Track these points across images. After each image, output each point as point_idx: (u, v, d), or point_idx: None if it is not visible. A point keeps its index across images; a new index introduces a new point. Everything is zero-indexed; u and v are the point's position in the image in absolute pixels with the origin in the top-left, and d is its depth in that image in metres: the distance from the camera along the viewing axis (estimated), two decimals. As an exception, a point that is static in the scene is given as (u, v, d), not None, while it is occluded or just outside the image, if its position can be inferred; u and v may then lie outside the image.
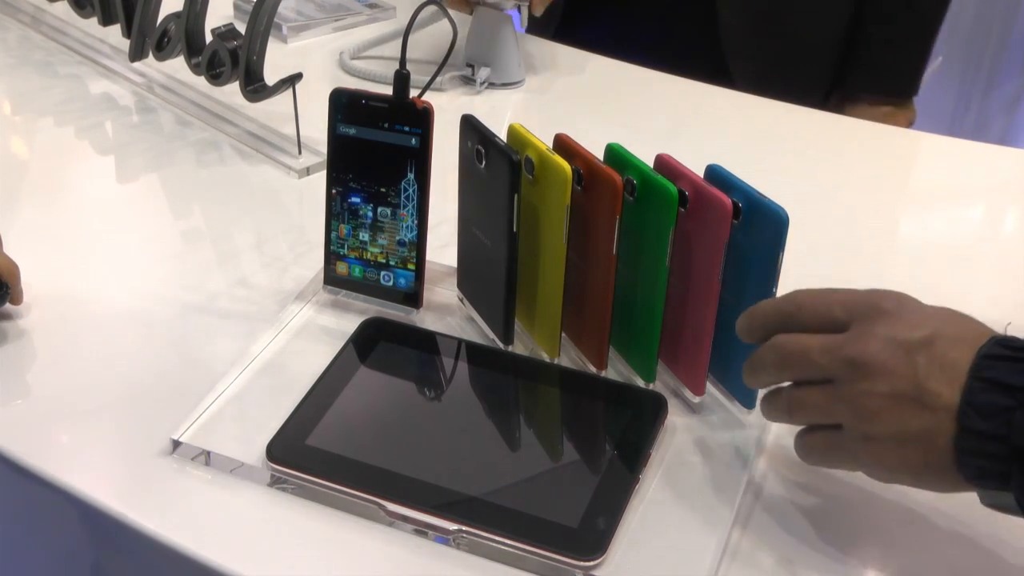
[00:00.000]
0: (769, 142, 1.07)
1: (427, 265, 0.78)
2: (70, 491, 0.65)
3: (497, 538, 0.60)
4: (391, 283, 0.78)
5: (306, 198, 0.95)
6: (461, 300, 0.80)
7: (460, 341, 0.75)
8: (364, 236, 0.78)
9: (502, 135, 0.71)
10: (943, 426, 0.55)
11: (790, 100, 1.14)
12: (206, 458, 0.66)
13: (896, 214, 0.97)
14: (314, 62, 1.19)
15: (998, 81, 2.35)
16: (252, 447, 0.66)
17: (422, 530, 0.62)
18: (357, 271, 0.79)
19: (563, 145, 0.71)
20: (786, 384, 0.62)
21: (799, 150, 1.07)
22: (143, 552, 0.64)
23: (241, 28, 1.00)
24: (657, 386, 0.72)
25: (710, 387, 0.71)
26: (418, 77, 0.76)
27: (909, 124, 1.34)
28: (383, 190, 0.76)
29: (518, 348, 0.75)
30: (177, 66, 1.07)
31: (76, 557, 0.73)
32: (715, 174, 0.68)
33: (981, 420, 0.53)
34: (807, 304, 0.61)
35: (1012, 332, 0.57)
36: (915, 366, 0.56)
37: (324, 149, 0.77)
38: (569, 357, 0.75)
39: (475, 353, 0.74)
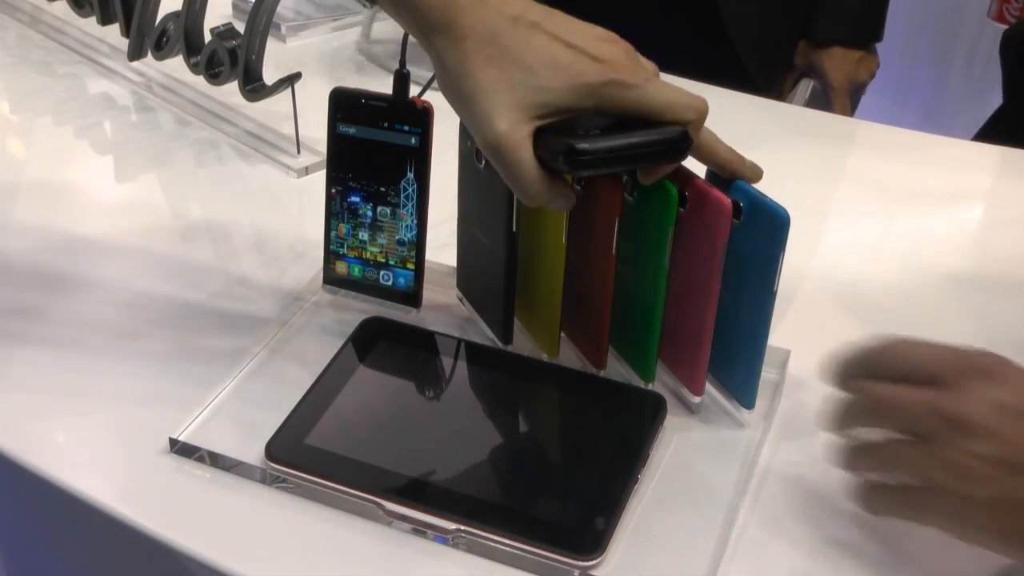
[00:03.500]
0: (769, 142, 1.07)
1: (427, 265, 0.77)
2: (68, 490, 0.65)
3: (496, 537, 0.60)
4: (391, 282, 0.78)
5: (305, 198, 0.95)
6: (460, 300, 0.80)
7: (459, 341, 0.75)
8: (364, 235, 0.78)
9: (502, 135, 0.71)
10: None
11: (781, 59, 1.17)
12: (205, 457, 0.66)
13: (893, 214, 0.97)
14: (313, 61, 1.19)
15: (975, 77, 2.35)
16: (251, 446, 0.66)
17: (421, 529, 0.62)
18: (356, 270, 0.79)
19: (563, 145, 0.71)
20: (873, 436, 0.59)
21: (799, 150, 1.07)
22: (141, 550, 0.64)
23: (240, 27, 1.00)
24: (656, 386, 0.72)
25: (709, 387, 0.71)
26: (418, 76, 0.76)
27: (877, 67, 1.39)
28: (383, 189, 0.76)
29: (517, 348, 0.75)
30: (176, 65, 1.07)
31: (73, 556, 0.73)
32: (717, 173, 0.68)
33: None
34: (899, 352, 0.59)
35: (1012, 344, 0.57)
36: (1020, 433, 0.54)
37: (323, 149, 0.77)
38: (568, 357, 0.75)
39: (474, 353, 0.74)
